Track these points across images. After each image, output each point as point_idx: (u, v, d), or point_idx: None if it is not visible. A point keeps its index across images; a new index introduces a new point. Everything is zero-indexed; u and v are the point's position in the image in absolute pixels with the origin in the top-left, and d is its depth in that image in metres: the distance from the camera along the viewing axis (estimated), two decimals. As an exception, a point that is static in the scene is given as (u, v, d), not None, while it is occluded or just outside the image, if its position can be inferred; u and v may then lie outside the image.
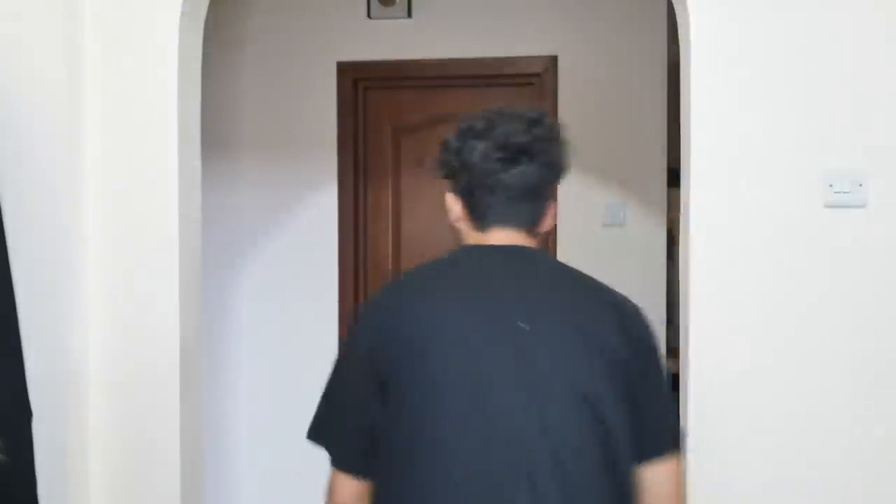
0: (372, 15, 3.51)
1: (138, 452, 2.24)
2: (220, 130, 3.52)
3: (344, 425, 1.37)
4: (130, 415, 2.23)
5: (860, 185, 2.01)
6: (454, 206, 1.43)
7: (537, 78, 3.48)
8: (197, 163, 2.35)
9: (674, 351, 2.91)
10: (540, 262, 1.43)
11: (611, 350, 1.31)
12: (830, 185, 2.02)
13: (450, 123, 3.94)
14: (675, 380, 2.43)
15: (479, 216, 1.40)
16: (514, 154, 1.36)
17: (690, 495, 2.07)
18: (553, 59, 3.44)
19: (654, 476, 1.33)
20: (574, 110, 3.43)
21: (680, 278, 2.17)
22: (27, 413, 2.07)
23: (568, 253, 3.45)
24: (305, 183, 3.59)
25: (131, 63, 2.22)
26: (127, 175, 2.22)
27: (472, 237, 1.42)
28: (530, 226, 1.41)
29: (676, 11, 2.18)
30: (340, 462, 1.37)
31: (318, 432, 1.40)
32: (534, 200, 1.40)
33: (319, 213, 3.58)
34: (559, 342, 1.31)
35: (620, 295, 1.41)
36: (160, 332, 2.22)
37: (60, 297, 2.16)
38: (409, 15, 3.50)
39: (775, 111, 2.05)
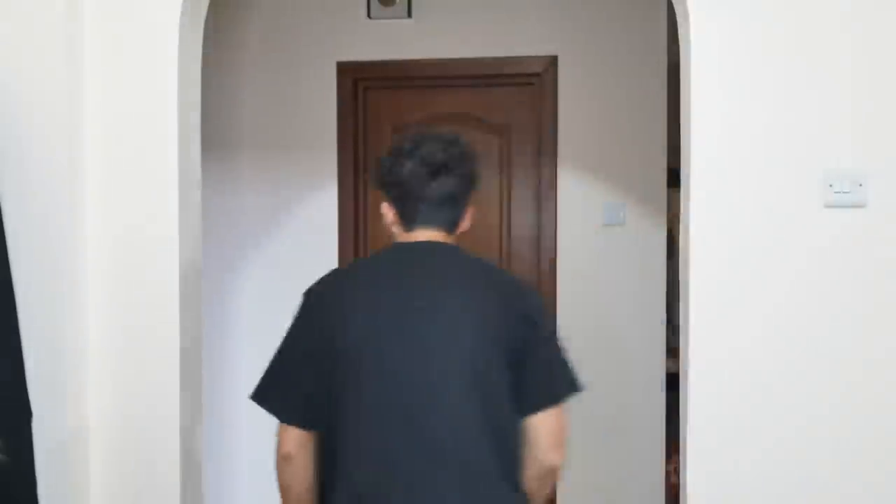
0: (372, 15, 3.51)
1: (138, 452, 2.23)
2: (220, 130, 3.52)
3: (287, 387, 1.70)
4: (130, 415, 2.23)
5: (860, 185, 2.01)
6: (388, 213, 1.76)
7: (537, 78, 3.48)
8: (197, 163, 2.35)
9: (674, 351, 2.91)
10: (448, 254, 1.72)
11: (496, 324, 1.62)
12: (830, 185, 2.02)
13: (449, 124, 3.96)
14: (674, 380, 2.44)
15: (408, 221, 1.73)
16: (434, 169, 1.68)
17: (690, 495, 2.07)
18: (553, 59, 3.44)
19: (535, 425, 1.64)
20: (574, 110, 3.44)
21: (680, 278, 2.17)
22: (27, 413, 2.07)
23: (568, 253, 3.46)
24: (306, 183, 3.59)
25: (131, 63, 2.21)
26: (127, 175, 2.22)
27: (402, 237, 1.74)
28: (448, 227, 1.74)
29: (676, 11, 2.18)
30: (283, 416, 1.70)
31: (263, 395, 1.73)
32: (452, 207, 1.73)
33: (319, 213, 3.58)
34: (450, 316, 1.62)
35: (517, 280, 1.75)
36: (160, 332, 2.21)
37: (60, 297, 2.15)
38: (409, 15, 3.49)
39: (775, 111, 2.05)
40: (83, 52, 2.19)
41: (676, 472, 3.41)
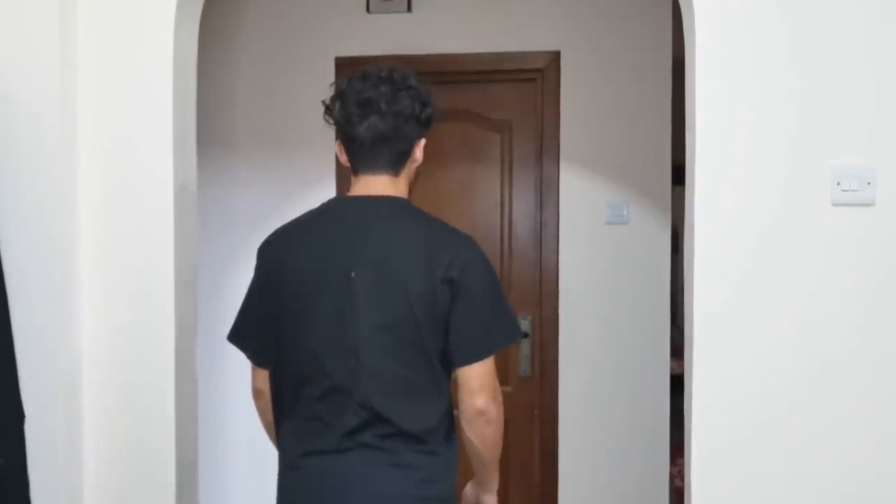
0: (371, 9, 3.48)
1: (134, 454, 2.23)
2: (216, 127, 3.50)
3: (255, 334, 1.84)
4: (126, 415, 2.22)
5: (868, 182, 1.99)
6: (341, 154, 1.80)
7: (539, 74, 3.44)
8: (193, 160, 2.34)
9: (678, 351, 2.88)
10: (387, 211, 1.74)
11: (428, 272, 1.67)
12: (838, 183, 1.99)
13: (450, 121, 3.91)
14: (679, 382, 2.41)
15: (354, 164, 1.77)
16: (363, 110, 1.70)
17: (695, 498, 2.04)
18: (556, 55, 3.41)
19: (464, 372, 1.72)
20: (577, 107, 3.41)
21: (684, 277, 2.15)
22: (20, 414, 2.06)
23: (571, 252, 3.43)
24: (304, 180, 3.56)
25: (126, 60, 2.20)
26: (123, 174, 2.21)
27: (353, 181, 1.80)
28: (391, 169, 1.76)
29: (681, 6, 2.15)
30: (253, 359, 1.89)
31: (236, 336, 1.90)
32: (390, 146, 1.73)
33: (318, 210, 3.56)
34: (382, 267, 1.68)
35: (456, 232, 1.76)
36: (156, 332, 2.20)
37: (54, 298, 2.14)
38: (409, 9, 3.46)
39: (781, 107, 2.02)
40: (78, 50, 2.19)
41: (681, 474, 3.39)
